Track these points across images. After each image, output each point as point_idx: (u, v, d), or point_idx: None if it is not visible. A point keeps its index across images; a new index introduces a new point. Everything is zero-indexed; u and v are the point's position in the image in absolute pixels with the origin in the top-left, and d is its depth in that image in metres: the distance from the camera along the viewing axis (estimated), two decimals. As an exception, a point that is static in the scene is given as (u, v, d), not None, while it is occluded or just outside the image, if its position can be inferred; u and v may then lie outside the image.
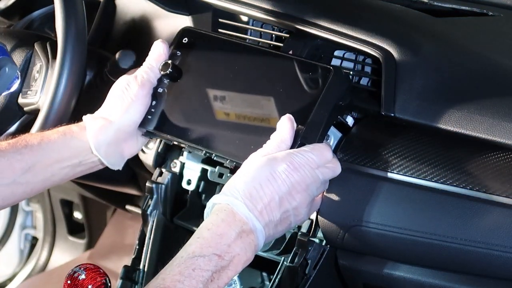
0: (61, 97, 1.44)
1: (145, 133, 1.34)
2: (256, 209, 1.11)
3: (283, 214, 1.14)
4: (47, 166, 1.29)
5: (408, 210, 1.21)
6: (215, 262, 1.06)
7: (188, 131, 1.30)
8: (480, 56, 1.35)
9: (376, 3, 1.52)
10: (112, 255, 2.32)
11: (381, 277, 1.27)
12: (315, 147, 1.18)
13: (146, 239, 1.49)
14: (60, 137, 1.30)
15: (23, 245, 2.55)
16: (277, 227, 1.15)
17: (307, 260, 1.31)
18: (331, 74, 1.22)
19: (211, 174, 1.33)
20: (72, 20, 1.46)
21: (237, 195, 1.12)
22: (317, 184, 1.18)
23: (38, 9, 1.88)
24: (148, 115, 1.33)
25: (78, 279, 1.12)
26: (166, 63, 1.32)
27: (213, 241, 1.08)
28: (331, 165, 1.20)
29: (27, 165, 1.27)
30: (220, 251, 1.07)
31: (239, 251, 1.09)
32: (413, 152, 1.24)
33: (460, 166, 1.21)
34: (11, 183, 1.26)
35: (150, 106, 1.33)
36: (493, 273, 1.18)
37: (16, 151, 1.26)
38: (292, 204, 1.15)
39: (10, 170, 1.26)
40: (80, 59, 1.46)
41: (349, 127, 1.32)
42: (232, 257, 1.08)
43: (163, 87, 1.34)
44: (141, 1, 1.68)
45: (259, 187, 1.12)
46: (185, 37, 1.36)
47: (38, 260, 2.48)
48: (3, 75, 1.39)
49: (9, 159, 1.25)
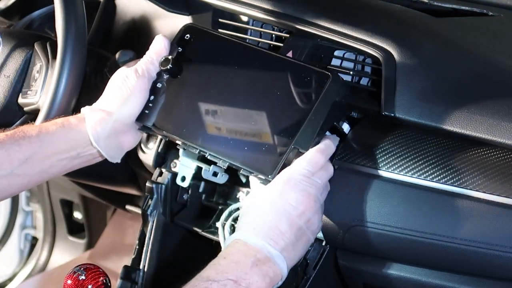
0: (61, 97, 1.44)
1: (142, 127, 1.34)
2: (268, 236, 1.12)
3: (297, 232, 1.15)
4: (45, 157, 1.28)
5: (408, 210, 1.21)
6: (230, 287, 1.07)
7: (184, 129, 1.30)
8: (480, 56, 1.35)
9: (376, 3, 1.52)
10: (112, 255, 2.32)
11: (381, 277, 1.27)
12: (307, 157, 1.19)
13: (146, 239, 1.49)
14: (59, 129, 1.29)
15: (23, 245, 2.55)
16: (295, 247, 1.15)
17: (307, 260, 1.31)
18: (328, 80, 1.22)
19: (205, 173, 1.33)
20: (72, 20, 1.45)
21: (245, 228, 1.14)
22: (319, 190, 1.19)
23: (38, 9, 1.87)
24: (146, 110, 1.33)
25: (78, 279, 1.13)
26: (167, 59, 1.32)
27: (229, 267, 1.09)
28: (324, 167, 1.21)
29: (24, 156, 1.25)
30: (236, 277, 1.08)
31: (257, 278, 1.09)
32: (413, 152, 1.24)
33: (460, 166, 1.21)
34: (9, 174, 1.25)
35: (148, 101, 1.33)
36: (493, 273, 1.18)
37: (14, 142, 1.25)
38: (302, 220, 1.16)
39: (8, 161, 1.24)
40: (80, 59, 1.46)
41: (345, 134, 1.31)
42: (249, 283, 1.08)
43: (162, 82, 1.34)
44: (141, 1, 1.68)
45: (265, 215, 1.14)
46: (187, 34, 1.36)
47: (38, 260, 2.48)
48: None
49: (7, 150, 1.24)
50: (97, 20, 1.75)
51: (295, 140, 1.20)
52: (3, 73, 1.59)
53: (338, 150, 1.29)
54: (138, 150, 1.60)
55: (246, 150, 1.21)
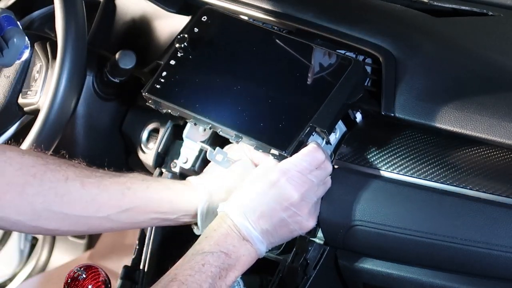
0: (61, 97, 1.44)
1: (151, 101, 1.34)
2: (251, 218, 1.18)
3: (279, 223, 1.19)
4: (144, 213, 1.27)
5: (408, 210, 1.21)
6: (223, 260, 1.15)
7: (196, 103, 1.30)
8: (480, 56, 1.35)
9: (376, 3, 1.52)
10: (112, 255, 2.32)
11: (381, 277, 1.27)
12: (305, 152, 1.20)
13: (146, 239, 1.49)
14: (165, 190, 1.28)
15: (23, 245, 2.54)
16: (275, 235, 1.20)
17: (307, 260, 1.31)
18: (350, 65, 1.24)
19: (210, 154, 1.32)
20: (72, 20, 1.45)
21: (234, 202, 1.20)
22: (313, 189, 1.20)
23: (38, 9, 1.87)
24: (157, 85, 1.33)
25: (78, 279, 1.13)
26: (183, 37, 1.33)
27: (220, 240, 1.16)
28: (323, 165, 1.22)
29: (125, 206, 1.25)
30: (227, 250, 1.16)
31: (243, 252, 1.17)
32: (413, 152, 1.24)
33: (460, 166, 1.21)
34: (104, 217, 1.24)
35: (160, 76, 1.33)
36: (493, 273, 1.18)
37: (119, 189, 1.24)
38: (286, 213, 1.19)
39: (108, 206, 1.24)
40: (80, 59, 1.46)
41: (356, 123, 1.32)
42: (237, 257, 1.16)
43: (175, 59, 1.34)
44: (141, 1, 1.68)
45: (254, 198, 1.19)
46: (205, 16, 1.37)
47: (38, 260, 2.48)
48: (13, 45, 1.39)
49: (110, 196, 1.24)
50: (97, 20, 1.75)
51: (314, 119, 1.22)
52: (3, 73, 1.59)
53: (338, 150, 1.29)
54: (138, 150, 1.60)
55: (262, 125, 1.23)
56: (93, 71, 1.59)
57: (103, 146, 1.66)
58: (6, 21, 1.38)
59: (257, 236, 1.18)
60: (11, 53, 1.38)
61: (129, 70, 1.56)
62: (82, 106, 1.59)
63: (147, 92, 1.33)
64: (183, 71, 1.34)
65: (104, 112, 1.64)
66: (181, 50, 1.34)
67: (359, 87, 1.26)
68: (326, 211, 1.26)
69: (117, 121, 1.65)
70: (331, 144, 1.29)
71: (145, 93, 1.34)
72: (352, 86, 1.24)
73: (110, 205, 1.24)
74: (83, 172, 1.24)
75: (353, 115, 1.33)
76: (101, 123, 1.64)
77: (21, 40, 1.38)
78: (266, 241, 1.20)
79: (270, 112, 1.26)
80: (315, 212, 1.23)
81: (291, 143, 1.21)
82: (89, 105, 1.61)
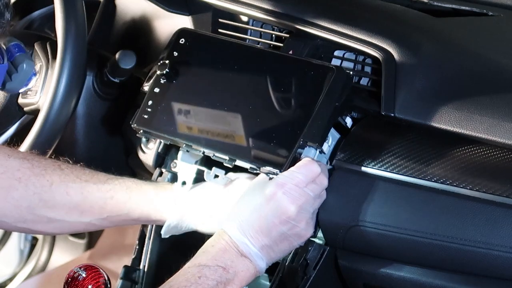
0: (61, 97, 1.44)
1: (141, 132, 1.33)
2: (249, 234, 1.18)
3: (278, 237, 1.19)
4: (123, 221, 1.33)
5: (408, 210, 1.21)
6: (220, 274, 1.15)
7: (186, 131, 1.30)
8: (480, 56, 1.35)
9: (376, 3, 1.52)
10: (112, 255, 2.32)
11: (381, 277, 1.27)
12: (300, 165, 1.20)
13: (146, 239, 1.49)
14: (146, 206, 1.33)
15: (23, 245, 2.54)
16: (275, 249, 1.20)
17: (307, 260, 1.31)
18: (333, 74, 1.23)
19: (207, 175, 1.32)
20: (72, 20, 1.46)
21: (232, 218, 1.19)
22: (309, 202, 1.20)
23: (38, 9, 1.88)
24: (144, 115, 1.32)
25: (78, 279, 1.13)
26: (164, 63, 1.32)
27: (218, 255, 1.16)
28: (318, 180, 1.21)
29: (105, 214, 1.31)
30: (225, 264, 1.16)
31: (242, 267, 1.17)
32: (413, 152, 1.24)
33: (460, 166, 1.21)
34: (87, 222, 1.31)
35: (146, 106, 1.33)
36: (493, 273, 1.18)
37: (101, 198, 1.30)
38: (285, 226, 1.19)
39: (90, 213, 1.30)
40: (80, 59, 1.46)
41: (348, 129, 1.32)
42: (235, 272, 1.16)
43: (159, 87, 1.33)
44: (141, 1, 1.68)
45: (252, 213, 1.19)
46: (182, 38, 1.36)
47: (38, 260, 2.48)
48: (21, 71, 1.43)
49: (92, 205, 1.30)
50: (97, 20, 1.75)
51: (304, 133, 1.21)
52: (3, 73, 1.59)
53: (338, 150, 1.29)
54: (138, 150, 1.60)
55: (254, 146, 1.22)
56: (93, 71, 1.59)
57: (103, 146, 1.66)
58: (16, 47, 1.42)
59: (256, 252, 1.18)
60: (19, 78, 1.44)
61: (129, 70, 1.56)
62: (82, 106, 1.59)
63: (135, 123, 1.32)
64: (169, 98, 1.32)
65: (104, 112, 1.64)
66: (164, 76, 1.32)
67: (345, 94, 1.24)
68: (326, 211, 1.26)
69: (117, 121, 1.65)
70: (325, 153, 1.28)
71: (133, 124, 1.33)
72: (338, 94, 1.23)
73: (92, 212, 1.30)
74: (68, 177, 1.28)
75: (344, 121, 1.33)
76: (101, 123, 1.64)
77: (30, 66, 1.44)
78: (266, 257, 1.19)
79: (261, 132, 1.25)
80: (312, 222, 1.23)
81: (285, 161, 1.21)
82: (89, 105, 1.61)
